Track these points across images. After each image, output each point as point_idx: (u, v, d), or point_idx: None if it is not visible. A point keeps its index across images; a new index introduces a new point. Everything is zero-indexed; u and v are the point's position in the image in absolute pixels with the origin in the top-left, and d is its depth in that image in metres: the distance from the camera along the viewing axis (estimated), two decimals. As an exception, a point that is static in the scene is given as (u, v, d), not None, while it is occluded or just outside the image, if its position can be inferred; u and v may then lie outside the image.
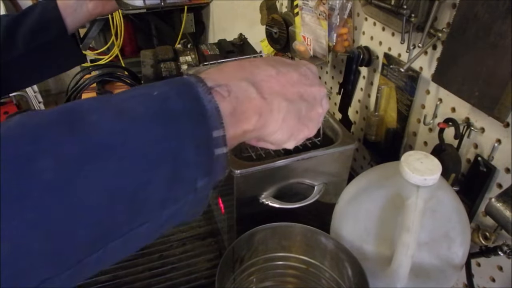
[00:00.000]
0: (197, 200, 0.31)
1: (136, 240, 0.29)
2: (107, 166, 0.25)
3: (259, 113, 0.35)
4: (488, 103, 0.52)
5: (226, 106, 0.32)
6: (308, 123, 0.41)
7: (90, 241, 0.25)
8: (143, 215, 0.27)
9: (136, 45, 2.59)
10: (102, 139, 0.26)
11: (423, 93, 0.69)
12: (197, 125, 0.29)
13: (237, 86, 0.34)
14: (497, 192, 0.55)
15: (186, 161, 0.29)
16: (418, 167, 0.48)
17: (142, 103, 0.29)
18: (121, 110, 0.28)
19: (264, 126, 0.36)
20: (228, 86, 0.33)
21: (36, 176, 0.23)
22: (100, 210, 0.25)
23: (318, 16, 0.82)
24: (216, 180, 0.32)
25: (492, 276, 0.60)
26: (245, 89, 0.34)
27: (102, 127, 0.26)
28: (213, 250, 0.78)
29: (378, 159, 0.85)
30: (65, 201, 0.24)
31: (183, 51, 1.43)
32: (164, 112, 0.29)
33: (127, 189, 0.26)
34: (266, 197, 0.63)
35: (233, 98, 0.33)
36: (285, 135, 0.38)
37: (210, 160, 0.30)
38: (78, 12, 0.70)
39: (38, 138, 0.24)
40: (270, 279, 0.65)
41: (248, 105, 0.34)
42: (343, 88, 0.87)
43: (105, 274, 0.73)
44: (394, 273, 0.51)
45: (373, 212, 0.55)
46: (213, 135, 0.30)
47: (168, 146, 0.28)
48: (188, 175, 0.29)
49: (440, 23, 0.62)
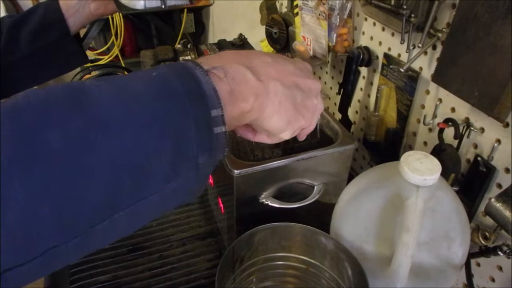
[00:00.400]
0: (199, 177, 0.32)
1: (142, 214, 0.30)
2: (111, 136, 0.26)
3: (256, 94, 0.36)
4: (488, 103, 0.52)
5: (223, 87, 0.33)
6: (304, 112, 0.41)
7: (97, 209, 0.26)
8: (147, 187, 0.28)
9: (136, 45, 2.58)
10: (106, 112, 0.27)
11: (422, 93, 0.69)
12: (196, 104, 0.30)
13: (233, 68, 0.35)
14: (496, 192, 0.55)
15: (187, 137, 0.30)
16: (418, 167, 0.48)
17: (142, 82, 0.30)
18: (122, 87, 0.29)
19: (261, 108, 0.37)
20: (224, 68, 0.34)
21: (43, 146, 0.24)
22: (106, 179, 0.26)
23: (318, 16, 0.82)
24: (216, 158, 0.33)
25: (492, 276, 0.60)
26: (241, 71, 0.36)
27: (105, 101, 0.27)
28: (213, 250, 0.78)
29: (377, 159, 0.85)
30: (71, 170, 0.24)
31: (183, 51, 1.43)
32: (164, 91, 0.30)
33: (132, 159, 0.27)
34: (266, 197, 0.63)
35: (230, 79, 0.34)
36: (282, 121, 0.39)
37: (210, 138, 0.31)
38: (80, 13, 0.70)
39: (45, 111, 0.25)
40: (270, 279, 0.65)
41: (244, 86, 0.35)
42: (343, 88, 0.87)
43: (105, 274, 0.73)
44: (394, 273, 0.51)
45: (373, 212, 0.55)
46: (212, 114, 0.31)
47: (169, 120, 0.29)
48: (190, 150, 0.30)
49: (440, 23, 0.62)
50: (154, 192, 0.29)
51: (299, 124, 0.41)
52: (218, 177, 0.71)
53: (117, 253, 0.77)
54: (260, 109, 0.37)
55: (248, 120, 0.38)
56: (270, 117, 0.38)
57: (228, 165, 0.59)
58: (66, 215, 0.24)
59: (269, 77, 0.38)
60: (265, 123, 0.39)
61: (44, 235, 0.24)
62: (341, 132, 0.67)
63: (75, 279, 0.72)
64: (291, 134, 0.42)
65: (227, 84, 0.34)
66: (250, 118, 0.37)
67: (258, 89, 0.36)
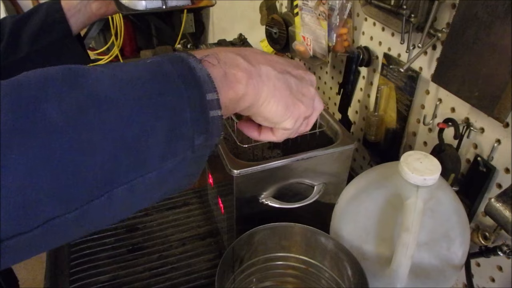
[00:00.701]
0: (195, 159, 0.33)
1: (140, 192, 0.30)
2: (108, 113, 0.27)
3: (248, 76, 0.37)
4: (488, 103, 0.52)
5: (217, 71, 0.34)
6: (302, 98, 0.42)
7: (95, 182, 0.26)
8: (145, 164, 0.29)
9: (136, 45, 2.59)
10: (102, 90, 0.27)
11: (422, 93, 0.69)
12: (191, 88, 0.31)
13: (224, 55, 0.36)
14: (496, 192, 0.55)
15: (183, 117, 0.31)
16: (418, 167, 0.48)
17: (136, 67, 0.31)
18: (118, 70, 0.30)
19: (256, 91, 0.37)
20: (216, 54, 0.35)
21: (42, 117, 0.24)
22: (103, 153, 0.26)
23: (318, 16, 0.82)
24: (212, 141, 0.34)
25: (491, 276, 0.60)
26: (232, 56, 0.37)
27: (102, 81, 0.28)
28: (213, 250, 0.78)
29: (377, 159, 0.85)
30: (69, 142, 0.25)
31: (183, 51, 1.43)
32: (158, 73, 0.31)
33: (129, 136, 0.27)
34: (266, 197, 0.63)
35: (223, 64, 0.35)
36: (280, 105, 0.40)
37: (205, 120, 0.32)
38: (82, 13, 0.70)
39: (43, 86, 0.26)
40: (269, 279, 0.65)
41: (237, 69, 0.36)
42: (343, 88, 0.87)
43: (105, 274, 0.73)
44: (393, 273, 0.51)
45: (373, 212, 0.55)
46: (207, 97, 0.32)
47: (165, 100, 0.30)
48: (186, 131, 0.31)
49: (439, 23, 0.62)
50: (152, 170, 0.29)
51: (299, 111, 0.42)
52: (218, 177, 0.71)
53: (117, 253, 0.77)
54: (255, 92, 0.37)
55: (245, 106, 0.38)
56: (267, 101, 0.39)
57: (228, 165, 0.59)
58: (65, 186, 0.25)
59: (260, 63, 0.39)
60: (263, 109, 0.39)
61: (43, 204, 0.24)
62: (341, 132, 0.67)
63: (75, 279, 0.72)
64: (294, 123, 0.42)
65: (220, 68, 0.35)
66: (246, 103, 0.38)
67: (251, 72, 0.37)
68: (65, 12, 0.68)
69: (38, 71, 0.27)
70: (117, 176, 0.27)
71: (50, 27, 0.67)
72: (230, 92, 0.35)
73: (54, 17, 0.67)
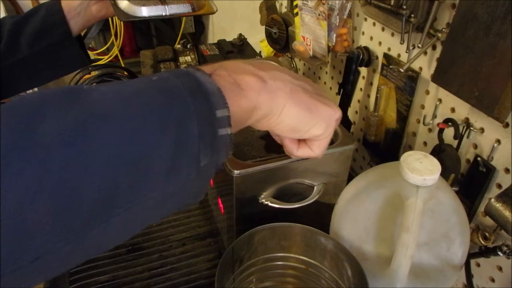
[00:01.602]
0: (199, 180, 0.31)
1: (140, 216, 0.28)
2: (109, 129, 0.25)
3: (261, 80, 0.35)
4: (488, 103, 0.52)
5: (227, 81, 0.32)
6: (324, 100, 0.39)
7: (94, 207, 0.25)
8: (147, 185, 0.27)
9: (135, 45, 2.58)
10: (104, 106, 0.26)
11: (422, 93, 0.69)
12: (199, 102, 0.29)
13: (233, 65, 0.35)
14: (496, 192, 0.55)
15: (189, 132, 0.28)
16: (418, 167, 0.48)
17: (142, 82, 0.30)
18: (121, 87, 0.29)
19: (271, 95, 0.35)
20: (224, 65, 0.34)
21: (39, 138, 0.23)
22: (103, 174, 0.25)
23: (318, 16, 0.82)
24: (219, 162, 0.32)
25: (491, 277, 0.60)
26: (242, 65, 0.35)
27: (104, 98, 0.27)
28: (212, 250, 0.78)
29: (377, 159, 0.85)
30: (67, 164, 0.24)
31: (182, 51, 1.43)
32: (164, 88, 0.29)
33: (130, 153, 0.26)
34: (266, 197, 0.63)
35: (231, 72, 0.33)
36: (303, 110, 0.37)
37: (213, 138, 0.30)
38: (82, 15, 0.69)
39: (41, 106, 0.25)
40: (269, 279, 0.65)
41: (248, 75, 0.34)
42: (343, 89, 0.87)
43: (105, 274, 0.73)
44: (393, 273, 0.51)
45: (373, 212, 0.55)
46: (217, 114, 0.30)
47: (171, 113, 0.28)
48: (191, 148, 0.29)
49: (439, 23, 0.62)
50: (154, 190, 0.27)
51: (325, 112, 0.39)
52: (218, 177, 0.71)
53: (117, 253, 0.77)
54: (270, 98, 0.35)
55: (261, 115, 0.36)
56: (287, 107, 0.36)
57: (228, 165, 0.59)
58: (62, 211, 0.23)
59: (271, 69, 0.37)
60: (283, 117, 0.37)
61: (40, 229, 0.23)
62: (340, 132, 0.67)
63: (74, 279, 0.72)
64: (325, 128, 0.39)
65: (230, 77, 0.33)
66: (262, 112, 0.35)
67: (263, 77, 0.35)
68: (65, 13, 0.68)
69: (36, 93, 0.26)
70: (116, 197, 0.25)
71: (50, 29, 0.67)
72: (243, 101, 0.33)
73: (54, 19, 0.67)
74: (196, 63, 1.36)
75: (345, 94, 0.87)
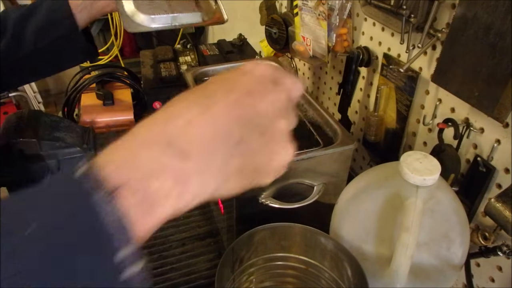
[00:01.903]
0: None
1: None
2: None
3: (181, 178, 0.27)
4: (488, 104, 0.52)
5: (134, 201, 0.25)
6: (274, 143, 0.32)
7: None
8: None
9: (135, 45, 2.59)
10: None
11: (422, 93, 0.69)
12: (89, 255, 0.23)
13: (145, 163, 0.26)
14: (496, 192, 0.55)
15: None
16: (418, 167, 0.48)
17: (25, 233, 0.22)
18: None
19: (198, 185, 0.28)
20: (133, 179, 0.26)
21: None
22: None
23: (318, 16, 0.82)
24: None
25: (491, 277, 0.60)
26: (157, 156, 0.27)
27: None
28: (212, 250, 0.78)
29: (377, 159, 0.85)
30: None
31: (182, 51, 1.44)
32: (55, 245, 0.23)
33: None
34: (266, 197, 0.63)
35: (142, 181, 0.26)
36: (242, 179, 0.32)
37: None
38: (88, 10, 0.69)
39: None
40: (269, 279, 0.65)
41: (161, 178, 0.27)
42: (343, 89, 0.87)
43: (104, 274, 0.73)
44: (393, 273, 0.51)
45: (373, 212, 0.55)
46: (115, 260, 0.24)
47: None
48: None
49: (439, 23, 0.62)
50: None
51: (274, 167, 0.33)
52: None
53: (116, 253, 0.77)
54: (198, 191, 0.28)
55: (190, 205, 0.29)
56: (222, 184, 0.30)
57: (228, 165, 0.58)
58: None
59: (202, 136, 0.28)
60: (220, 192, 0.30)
61: None
62: (340, 132, 0.67)
63: (74, 279, 0.72)
64: (276, 176, 0.34)
65: (138, 194, 0.26)
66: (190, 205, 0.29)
67: (183, 170, 0.27)
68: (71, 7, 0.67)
69: None
70: None
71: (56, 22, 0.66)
72: (157, 215, 0.27)
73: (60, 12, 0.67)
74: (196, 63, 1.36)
75: (345, 94, 0.87)
